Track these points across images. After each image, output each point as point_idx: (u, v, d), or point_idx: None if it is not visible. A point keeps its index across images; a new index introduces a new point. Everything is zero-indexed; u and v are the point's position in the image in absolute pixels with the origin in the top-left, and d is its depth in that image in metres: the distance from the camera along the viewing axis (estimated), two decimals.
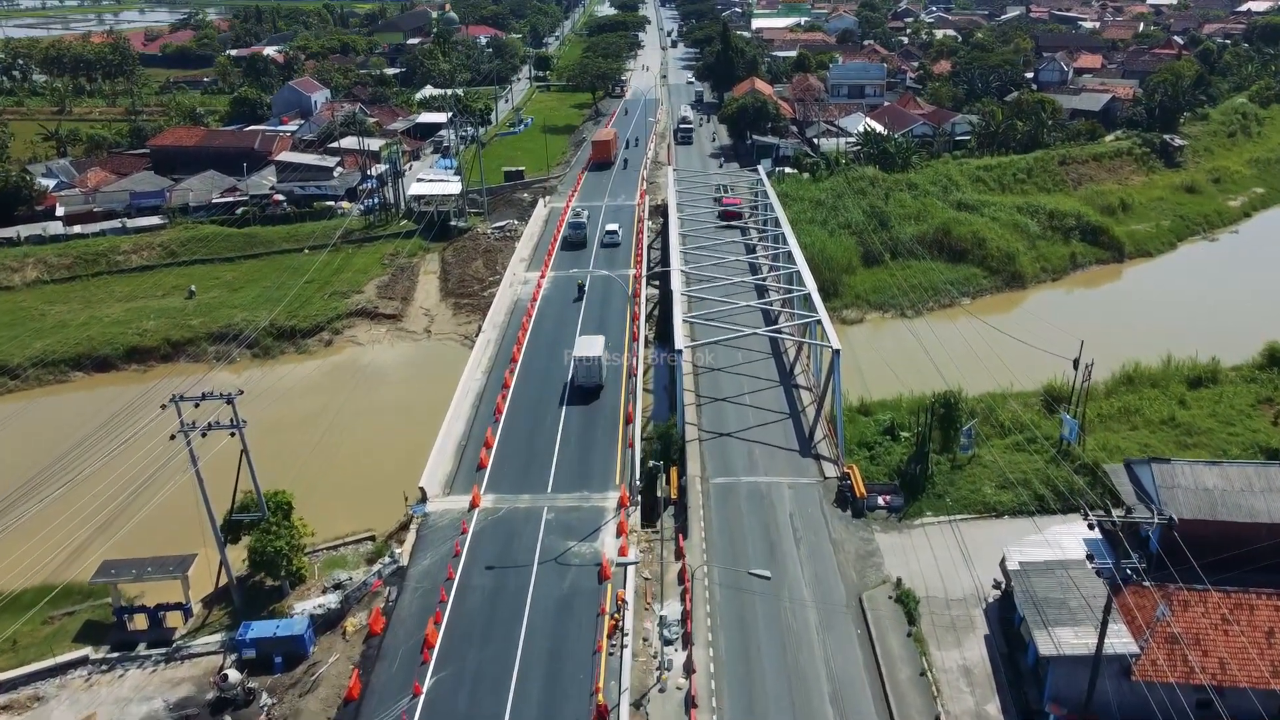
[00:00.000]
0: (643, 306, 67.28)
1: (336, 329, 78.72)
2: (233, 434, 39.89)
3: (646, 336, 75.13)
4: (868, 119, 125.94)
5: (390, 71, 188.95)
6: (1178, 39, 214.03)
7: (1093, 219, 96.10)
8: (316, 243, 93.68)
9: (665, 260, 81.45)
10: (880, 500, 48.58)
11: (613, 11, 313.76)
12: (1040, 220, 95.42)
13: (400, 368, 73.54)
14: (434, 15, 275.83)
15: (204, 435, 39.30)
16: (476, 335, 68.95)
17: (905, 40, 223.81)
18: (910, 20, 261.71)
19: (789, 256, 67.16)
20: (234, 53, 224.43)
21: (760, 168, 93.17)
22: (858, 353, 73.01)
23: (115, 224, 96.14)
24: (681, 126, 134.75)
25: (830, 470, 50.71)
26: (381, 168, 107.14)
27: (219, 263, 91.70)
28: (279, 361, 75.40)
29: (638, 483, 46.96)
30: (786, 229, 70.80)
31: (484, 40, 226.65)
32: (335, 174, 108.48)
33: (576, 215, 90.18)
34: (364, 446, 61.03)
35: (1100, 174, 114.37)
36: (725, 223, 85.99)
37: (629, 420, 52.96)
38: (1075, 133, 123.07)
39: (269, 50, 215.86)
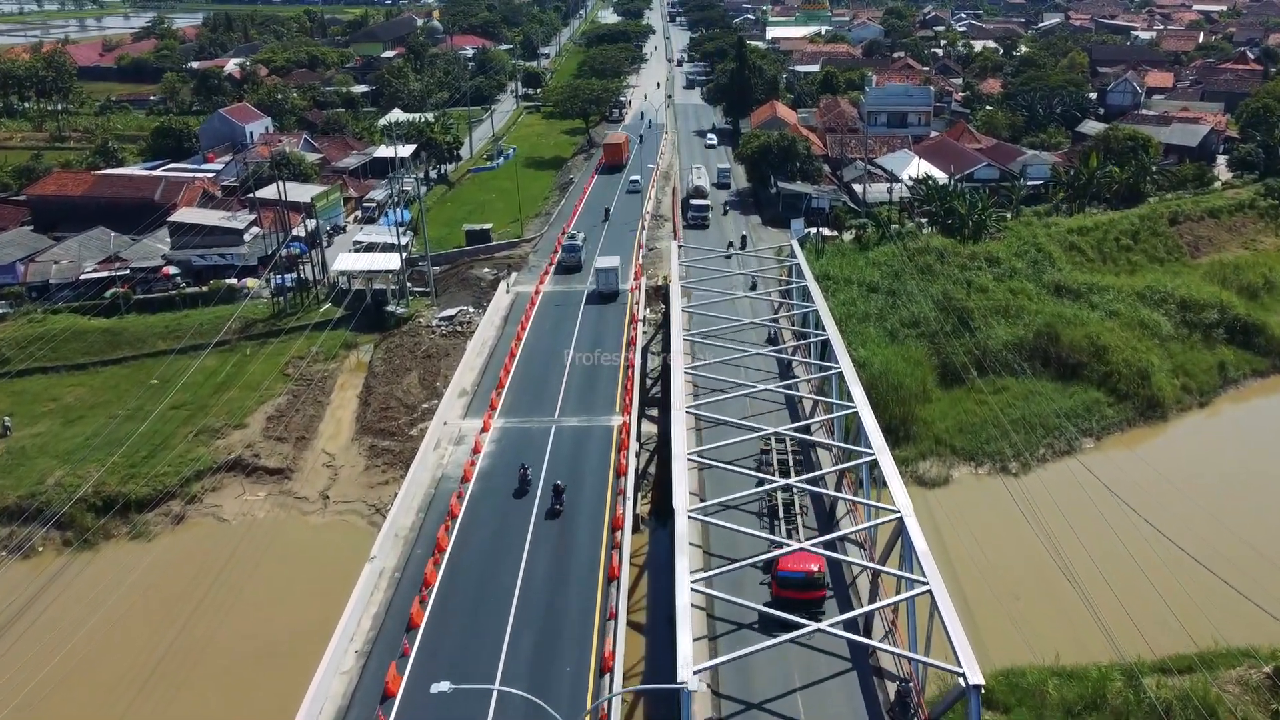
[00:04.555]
0: (629, 507, 43.17)
1: (194, 494, 54.88)
2: None
3: (640, 517, 51.60)
4: (920, 160, 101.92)
5: (358, 90, 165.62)
6: (1248, 52, 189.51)
7: (1241, 312, 71.77)
8: (202, 338, 69.86)
9: (666, 386, 57.75)
10: None
11: (616, 19, 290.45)
12: (1170, 313, 71.28)
13: (272, 569, 49.58)
14: (420, 23, 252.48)
15: None
16: (390, 507, 45.40)
17: (939, 52, 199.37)
18: (941, 29, 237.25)
19: (855, 427, 42.78)
20: (196, 65, 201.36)
21: (794, 243, 68.93)
22: (946, 543, 49.48)
23: None
24: (694, 202, 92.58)
25: None
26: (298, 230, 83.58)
27: (65, 372, 68.04)
28: (100, 551, 51.57)
29: None
30: (848, 370, 46.32)
31: (469, 52, 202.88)
32: (246, 237, 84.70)
33: (572, 238, 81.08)
34: None
35: (1220, 235, 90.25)
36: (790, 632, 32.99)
37: None
38: (1180, 179, 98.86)
39: (231, 64, 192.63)
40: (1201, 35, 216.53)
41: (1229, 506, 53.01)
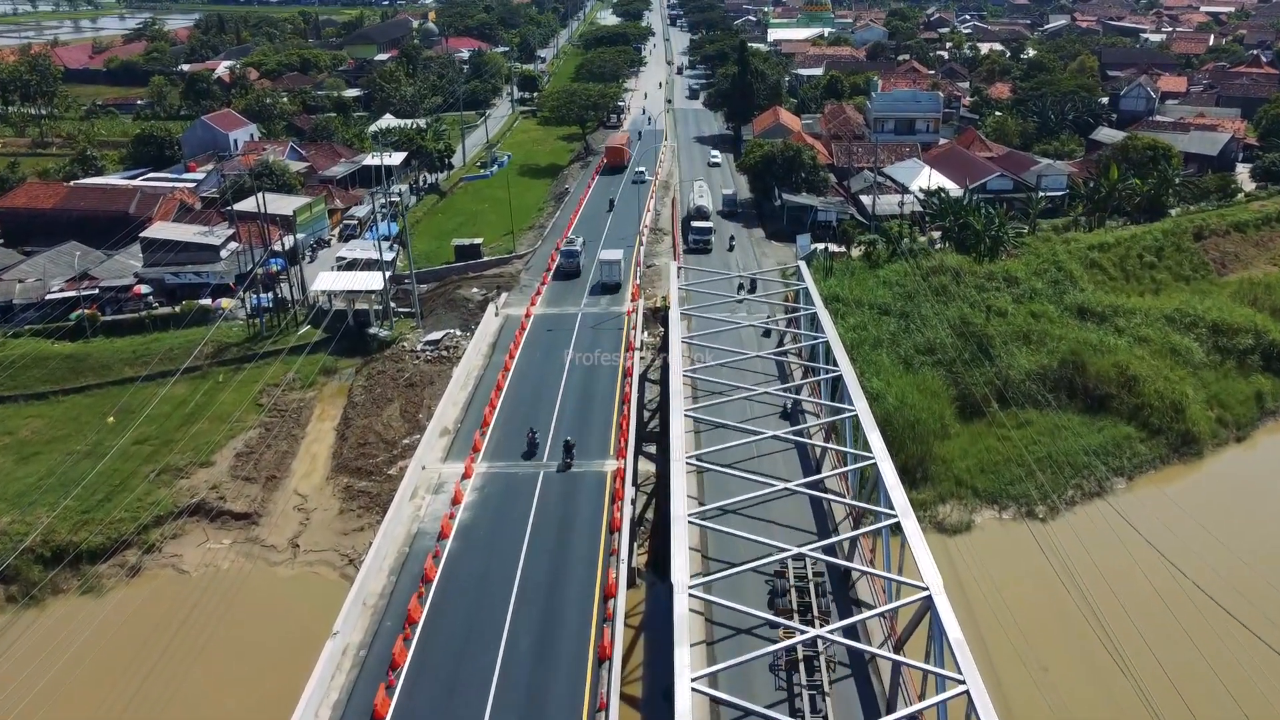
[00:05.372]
0: (623, 571, 38.82)
1: (152, 543, 50.60)
2: None
3: (636, 571, 47.36)
4: (930, 170, 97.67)
5: (350, 94, 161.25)
6: (1261, 55, 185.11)
7: (1276, 337, 67.34)
8: (171, 364, 65.62)
9: (664, 420, 53.55)
10: None
11: (615, 21, 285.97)
12: (1201, 338, 67.03)
13: (233, 629, 45.29)
14: (415, 25, 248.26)
15: None
16: (363, 558, 41.21)
17: (945, 55, 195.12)
18: (945, 31, 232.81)
19: (873, 477, 38.43)
20: (187, 67, 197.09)
21: (801, 264, 64.42)
22: (971, 602, 45.25)
23: None
24: (695, 224, 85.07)
25: None
26: (281, 244, 79.27)
27: (24, 402, 63.72)
28: (47, 607, 47.33)
29: None
30: (864, 414, 41.81)
31: (465, 55, 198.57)
32: (223, 253, 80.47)
33: (570, 243, 78.71)
34: None
35: (1247, 250, 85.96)
36: None
37: None
38: (1203, 191, 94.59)
39: (222, 66, 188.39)
40: (1212, 38, 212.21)
41: (1274, 555, 48.85)
